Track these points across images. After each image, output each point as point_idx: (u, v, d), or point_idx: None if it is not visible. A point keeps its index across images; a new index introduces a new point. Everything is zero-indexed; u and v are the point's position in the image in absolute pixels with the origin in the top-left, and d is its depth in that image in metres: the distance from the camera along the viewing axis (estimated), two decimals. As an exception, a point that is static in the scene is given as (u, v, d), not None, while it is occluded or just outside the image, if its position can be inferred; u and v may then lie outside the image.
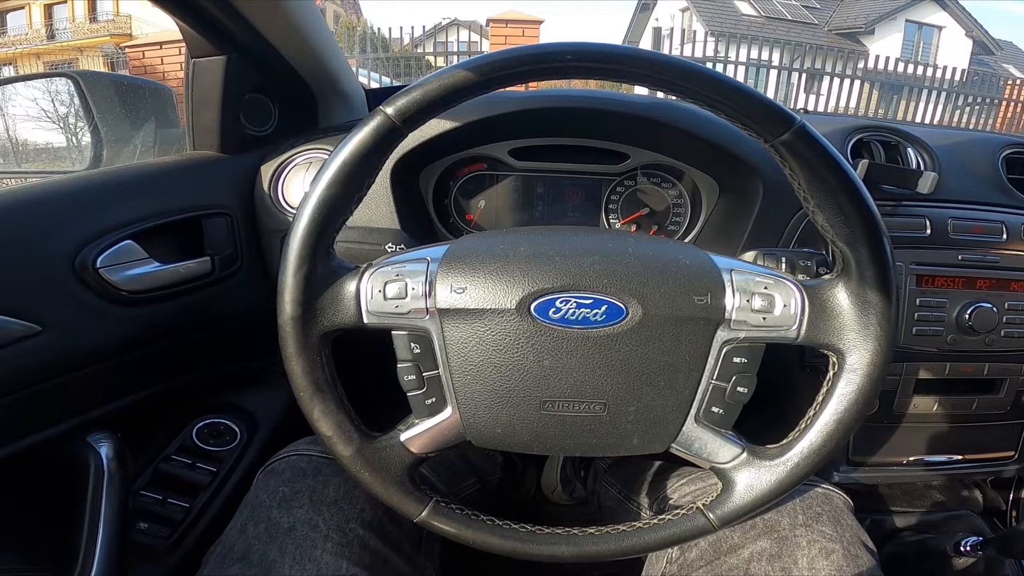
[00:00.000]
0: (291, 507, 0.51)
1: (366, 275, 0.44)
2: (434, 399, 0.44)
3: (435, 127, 0.69)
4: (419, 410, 0.45)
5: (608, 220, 0.82)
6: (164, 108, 0.94)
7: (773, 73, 6.75)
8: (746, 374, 0.44)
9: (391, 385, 0.46)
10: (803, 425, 0.46)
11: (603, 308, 0.43)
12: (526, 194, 0.82)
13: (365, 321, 0.44)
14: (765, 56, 6.80)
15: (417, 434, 0.45)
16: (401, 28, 5.95)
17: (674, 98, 0.46)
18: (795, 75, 6.98)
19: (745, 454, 0.46)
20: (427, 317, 0.44)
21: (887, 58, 7.00)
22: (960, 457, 0.85)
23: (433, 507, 0.46)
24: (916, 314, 0.73)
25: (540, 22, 5.71)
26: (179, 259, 0.66)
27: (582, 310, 0.42)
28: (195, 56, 0.68)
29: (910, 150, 0.80)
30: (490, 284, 0.43)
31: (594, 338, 0.43)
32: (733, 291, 0.44)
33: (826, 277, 0.46)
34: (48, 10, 14.50)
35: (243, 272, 0.74)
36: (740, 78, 6.39)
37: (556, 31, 40.94)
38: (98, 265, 0.58)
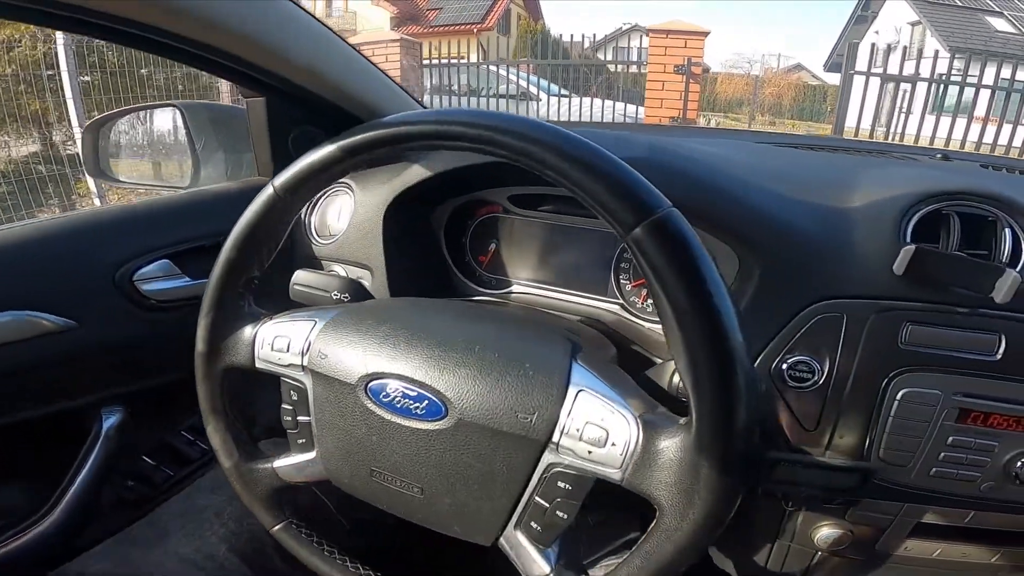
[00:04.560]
0: (218, 491, 0.60)
1: (263, 326, 0.51)
2: (304, 440, 0.50)
3: (431, 167, 0.70)
4: (293, 446, 0.51)
5: (619, 281, 0.76)
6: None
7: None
8: (570, 501, 0.41)
9: None
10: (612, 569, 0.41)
11: (424, 403, 0.43)
12: (536, 244, 0.79)
13: (257, 366, 0.51)
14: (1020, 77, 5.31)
15: (287, 465, 0.52)
16: (584, 35, 5.87)
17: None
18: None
19: None
20: (302, 372, 0.49)
21: None
22: None
23: (285, 527, 0.54)
24: (942, 454, 0.56)
25: (706, 33, 5.23)
26: None
27: (406, 400, 0.43)
28: (244, 95, 0.79)
29: (1012, 230, 0.57)
30: (342, 356, 0.46)
31: (412, 430, 0.44)
32: (569, 414, 0.40)
33: (681, 421, 0.39)
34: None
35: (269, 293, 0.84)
36: (984, 100, 4.93)
37: (722, 41, 37.56)
38: (135, 278, 0.72)
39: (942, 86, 4.91)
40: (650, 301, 0.72)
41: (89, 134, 1.01)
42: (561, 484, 0.41)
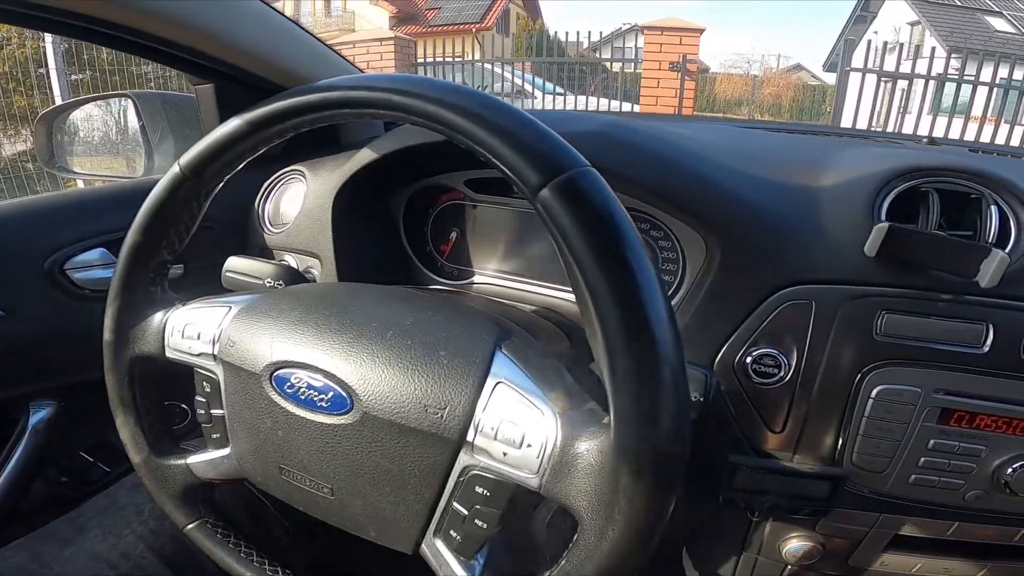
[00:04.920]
0: (139, 488, 0.57)
1: (174, 312, 0.47)
2: (218, 435, 0.47)
3: (379, 149, 0.66)
4: (208, 441, 0.48)
5: None
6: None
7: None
8: (489, 509, 0.36)
9: None
10: None
11: (330, 395, 0.38)
12: (499, 233, 0.74)
13: (167, 355, 0.47)
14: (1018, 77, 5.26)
15: (201, 461, 0.48)
16: (579, 33, 5.80)
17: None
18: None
19: None
20: (214, 362, 0.45)
21: None
22: None
23: (199, 526, 0.51)
24: (923, 459, 0.50)
25: (701, 31, 5.12)
26: None
27: (311, 392, 0.39)
28: (193, 83, 0.75)
29: (998, 208, 0.51)
30: (250, 344, 0.43)
31: (317, 425, 0.39)
32: (484, 409, 0.35)
33: (604, 420, 0.34)
34: (298, 4, 17.40)
35: (217, 282, 0.79)
36: (982, 98, 4.95)
37: (721, 42, 37.68)
38: (66, 267, 0.68)
39: (940, 84, 4.86)
40: None
41: (42, 125, 0.98)
42: (479, 489, 0.36)
